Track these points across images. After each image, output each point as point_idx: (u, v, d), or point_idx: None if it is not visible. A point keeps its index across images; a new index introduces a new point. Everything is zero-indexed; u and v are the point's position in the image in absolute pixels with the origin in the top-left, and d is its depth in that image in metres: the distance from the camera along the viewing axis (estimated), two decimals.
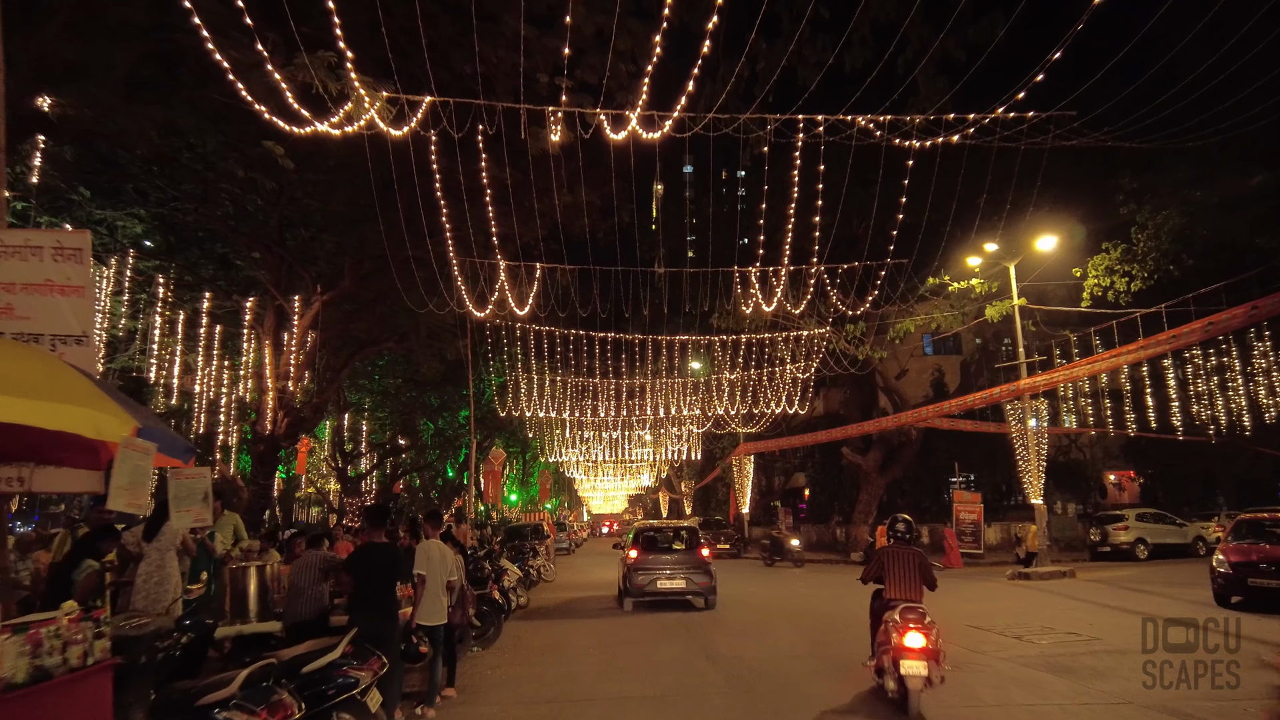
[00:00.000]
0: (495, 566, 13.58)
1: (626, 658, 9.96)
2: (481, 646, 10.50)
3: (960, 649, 9.58)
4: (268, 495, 17.91)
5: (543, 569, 20.29)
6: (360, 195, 15.66)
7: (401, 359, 28.25)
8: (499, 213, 15.81)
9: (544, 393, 27.25)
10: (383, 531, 6.51)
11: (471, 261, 15.05)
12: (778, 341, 22.46)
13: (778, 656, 9.78)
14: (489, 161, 14.34)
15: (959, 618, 12.99)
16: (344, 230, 17.71)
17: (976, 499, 27.06)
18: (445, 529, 8.42)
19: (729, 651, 10.11)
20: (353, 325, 20.05)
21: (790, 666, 9.16)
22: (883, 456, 28.92)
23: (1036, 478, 19.65)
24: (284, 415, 17.40)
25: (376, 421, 33.84)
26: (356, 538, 11.60)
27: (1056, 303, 21.14)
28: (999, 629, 11.52)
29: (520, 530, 27.33)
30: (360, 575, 6.13)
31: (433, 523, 7.34)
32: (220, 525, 9.73)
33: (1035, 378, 19.04)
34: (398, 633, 6.38)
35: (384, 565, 6.20)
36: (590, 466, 54.03)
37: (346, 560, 6.29)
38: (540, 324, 21.52)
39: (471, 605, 7.96)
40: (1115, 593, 15.61)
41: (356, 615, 6.05)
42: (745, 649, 10.29)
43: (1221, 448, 31.01)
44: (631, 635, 11.87)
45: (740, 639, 11.23)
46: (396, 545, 7.04)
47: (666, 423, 36.25)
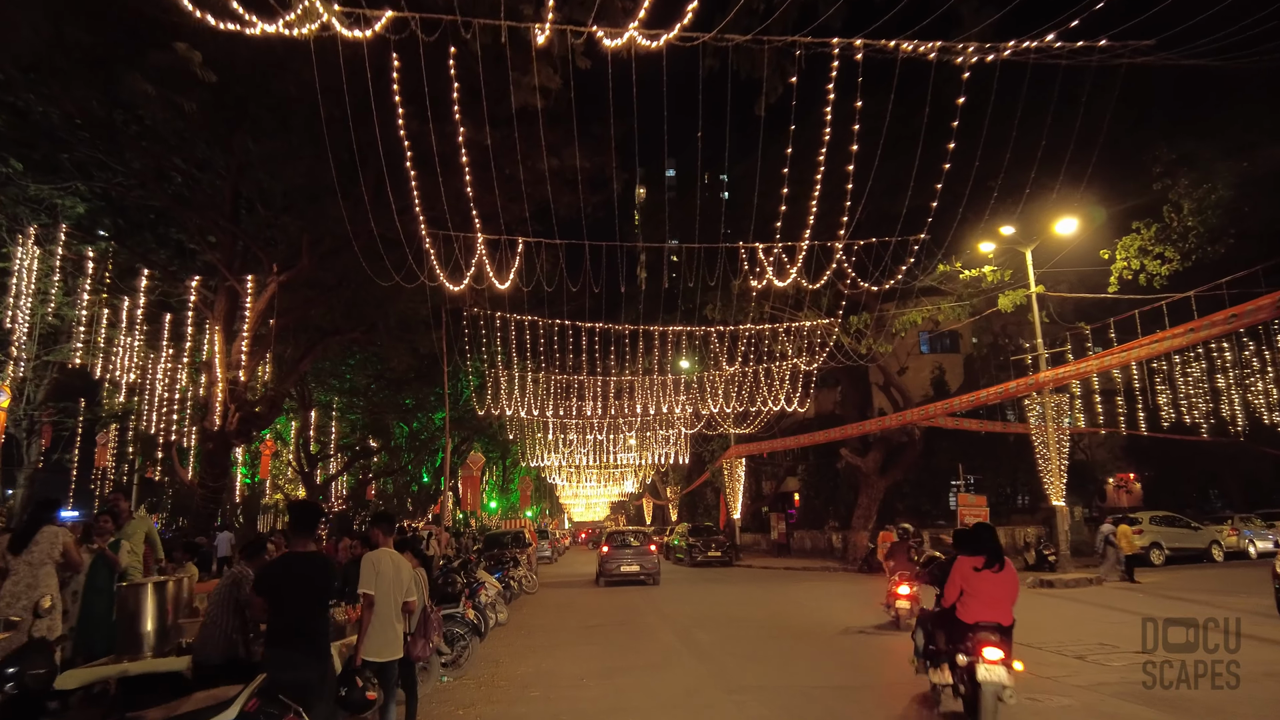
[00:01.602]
0: (470, 579, 11.85)
1: (627, 683, 8.35)
2: (452, 676, 8.78)
3: (1023, 672, 8.06)
4: (219, 498, 16.03)
5: (524, 580, 18.54)
6: (322, 169, 13.94)
7: (373, 358, 26.43)
8: (478, 184, 14.16)
9: (525, 390, 25.48)
10: (309, 538, 4.79)
11: (446, 235, 13.33)
12: (779, 333, 20.85)
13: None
14: (465, 121, 12.70)
15: None
16: (305, 206, 15.98)
17: (982, 502, 25.62)
18: (406, 537, 6.75)
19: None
20: (313, 312, 18.20)
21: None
22: (883, 458, 27.47)
23: (1058, 478, 18.26)
24: (236, 410, 15.55)
25: (348, 423, 31.85)
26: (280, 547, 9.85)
27: (1073, 293, 19.85)
28: (1052, 646, 10.04)
29: (500, 538, 25.52)
30: (274, 598, 4.44)
31: (384, 528, 5.64)
32: (129, 532, 7.94)
33: (1057, 370, 17.65)
34: (330, 675, 4.68)
35: (309, 584, 4.50)
36: (572, 472, 52.23)
37: (255, 579, 4.51)
38: (522, 313, 19.82)
39: (437, 632, 6.26)
40: (1159, 603, 14.18)
41: (270, 654, 4.35)
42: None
43: (1225, 448, 30.02)
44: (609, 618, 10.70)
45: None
46: (328, 557, 5.31)
47: (654, 424, 34.59)
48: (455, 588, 9.02)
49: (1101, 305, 22.95)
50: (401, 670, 5.72)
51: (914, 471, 28.44)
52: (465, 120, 12.96)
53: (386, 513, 5.70)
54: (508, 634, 12.57)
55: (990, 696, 5.91)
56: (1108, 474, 32.37)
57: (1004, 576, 6.21)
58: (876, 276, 14.12)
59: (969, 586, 6.25)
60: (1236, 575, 18.70)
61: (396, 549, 5.89)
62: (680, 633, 12.39)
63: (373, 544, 5.60)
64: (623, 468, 52.82)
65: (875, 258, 14.06)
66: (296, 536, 4.71)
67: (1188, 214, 14.97)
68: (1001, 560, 6.23)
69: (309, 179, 15.25)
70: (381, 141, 12.09)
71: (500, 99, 12.73)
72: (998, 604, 6.16)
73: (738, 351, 21.65)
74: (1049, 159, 15.85)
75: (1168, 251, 15.77)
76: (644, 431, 36.55)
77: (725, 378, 25.00)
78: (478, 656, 9.57)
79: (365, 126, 12.47)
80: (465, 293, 13.72)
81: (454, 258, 13.11)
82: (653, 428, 35.84)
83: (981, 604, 6.18)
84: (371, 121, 11.94)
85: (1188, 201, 14.97)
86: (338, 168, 12.94)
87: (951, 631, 6.42)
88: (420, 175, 13.49)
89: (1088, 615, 13.32)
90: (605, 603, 17.02)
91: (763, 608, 15.76)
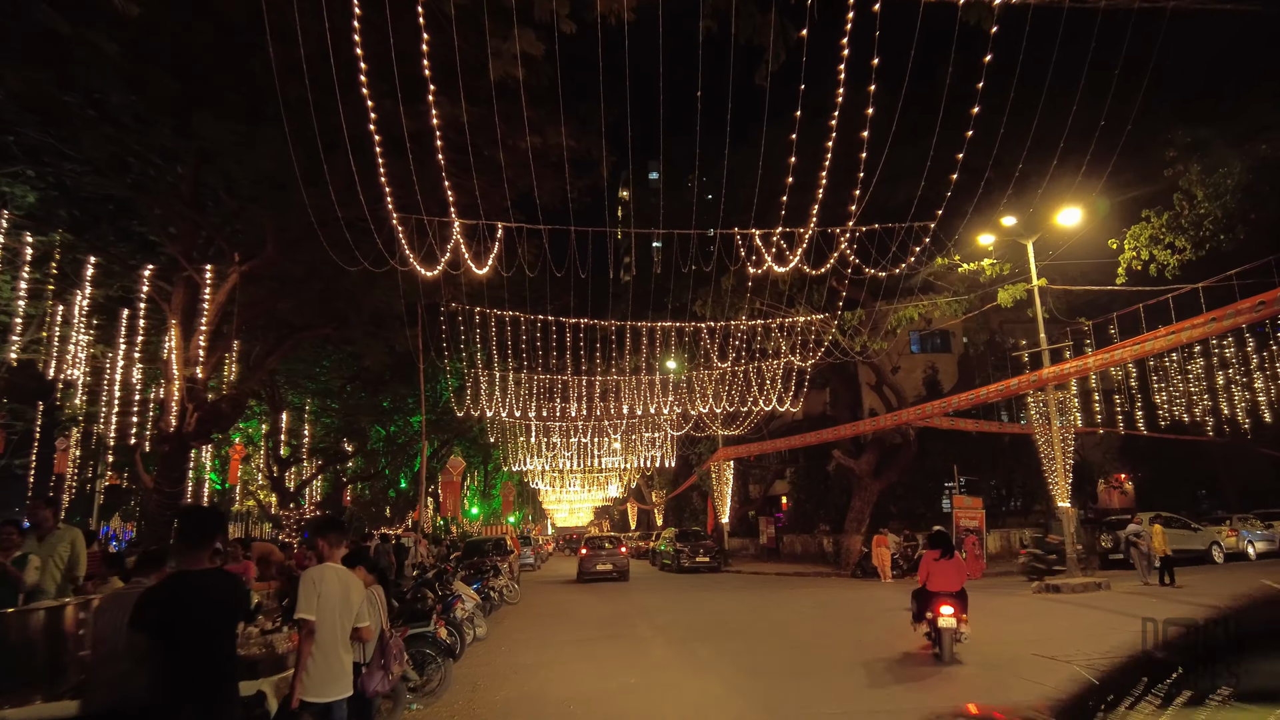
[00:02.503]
0: (445, 591, 10.85)
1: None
2: (423, 704, 7.78)
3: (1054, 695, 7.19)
4: (176, 505, 14.85)
5: (506, 590, 17.51)
6: (289, 154, 12.88)
7: (349, 357, 25.26)
8: (454, 167, 13.19)
9: (506, 390, 24.42)
10: (205, 553, 3.73)
11: (420, 221, 12.32)
12: (771, 329, 19.95)
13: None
14: (440, 98, 11.73)
15: (1017, 643, 10.70)
16: (271, 194, 14.88)
17: (978, 504, 24.98)
18: (357, 548, 5.77)
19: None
20: (280, 305, 17.06)
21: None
22: (876, 459, 26.68)
23: (1063, 478, 17.51)
24: (194, 409, 14.41)
25: (322, 426, 30.58)
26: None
27: (1077, 286, 19.18)
28: (1080, 659, 9.18)
29: (480, 545, 24.42)
30: (161, 634, 3.38)
31: (331, 538, 4.62)
32: (50, 544, 6.87)
33: (1062, 365, 16.93)
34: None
35: (207, 612, 3.51)
36: (556, 476, 51.10)
37: (134, 608, 3.45)
38: (503, 308, 18.81)
39: (399, 662, 5.27)
40: (1177, 609, 13.41)
41: (164, 701, 3.34)
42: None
43: (1223, 449, 29.58)
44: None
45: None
46: (235, 576, 4.23)
47: (640, 426, 33.64)
48: (426, 604, 8.01)
49: (1096, 304, 22.37)
50: (353, 710, 4.72)
51: (908, 474, 27.67)
52: (440, 97, 12.02)
53: (335, 518, 4.63)
54: (488, 650, 11.56)
55: (947, 636, 9.30)
56: (1103, 475, 31.81)
57: (953, 563, 9.87)
58: (884, 264, 13.26)
59: (931, 570, 9.79)
60: (1245, 576, 18.06)
61: (345, 563, 4.91)
62: (678, 646, 11.45)
63: (319, 556, 4.59)
64: (607, 472, 51.81)
65: (880, 245, 13.20)
66: (187, 551, 3.60)
67: (1202, 200, 14.28)
68: (951, 553, 9.98)
69: (275, 164, 14.19)
70: (349, 121, 11.12)
71: (478, 71, 11.77)
72: (950, 581, 9.65)
73: (729, 349, 20.72)
74: (1050, 146, 15.16)
75: (1179, 241, 15.09)
76: (629, 435, 35.60)
77: (714, 377, 24.09)
78: (453, 679, 8.56)
79: (334, 106, 11.50)
80: (440, 279, 12.68)
81: (428, 243, 12.08)
82: (638, 430, 34.88)
83: (939, 581, 9.64)
84: (341, 100, 10.96)
85: (1201, 189, 14.29)
86: (306, 152, 11.95)
87: (924, 600, 9.75)
88: (392, 158, 12.54)
89: (1107, 624, 12.51)
90: (593, 613, 16.05)
91: (762, 617, 14.84)
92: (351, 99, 10.87)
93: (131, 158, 15.67)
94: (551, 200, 15.81)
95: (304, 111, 11.81)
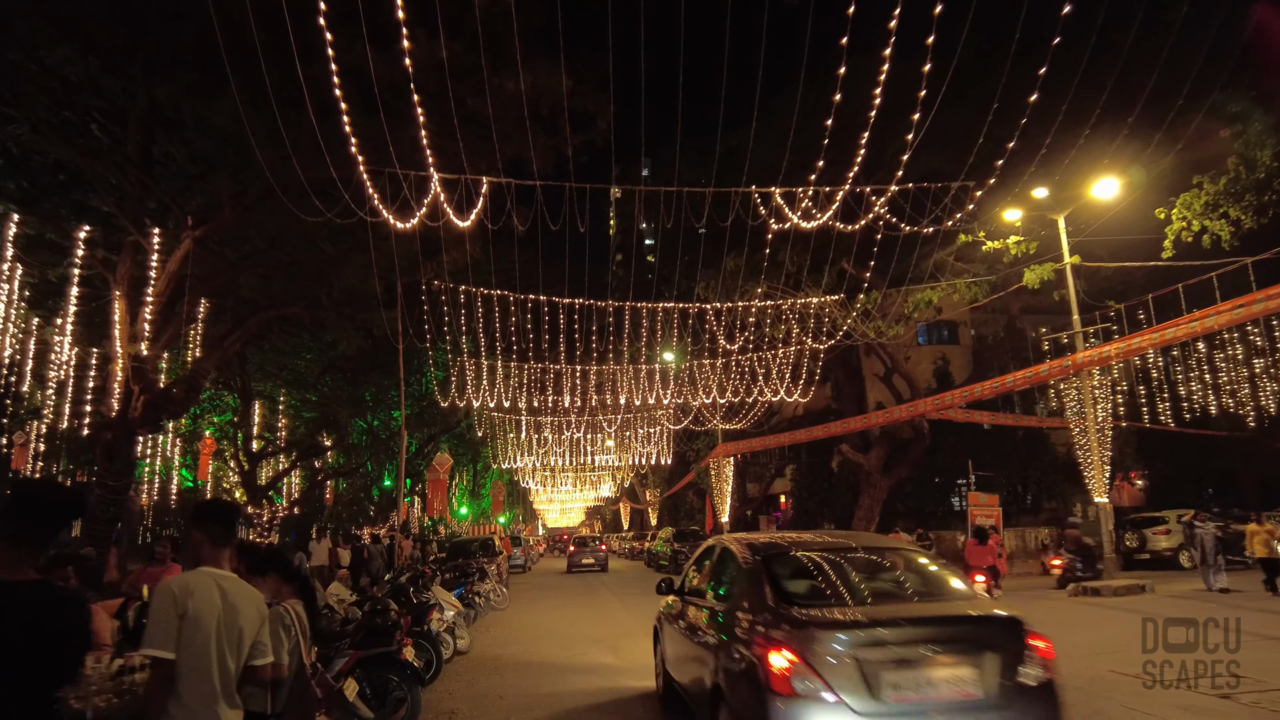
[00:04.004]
0: (421, 599, 9.29)
1: None
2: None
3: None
4: (120, 502, 13.21)
5: (493, 594, 15.96)
6: (247, 108, 11.29)
7: (327, 345, 23.59)
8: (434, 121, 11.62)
9: (494, 379, 22.79)
10: (30, 556, 2.26)
11: (391, 173, 10.75)
12: (783, 311, 18.40)
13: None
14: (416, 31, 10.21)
15: (1081, 656, 9.25)
16: (229, 153, 13.27)
17: (994, 501, 23.53)
18: (265, 551, 4.23)
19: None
20: (242, 279, 15.41)
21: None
22: (886, 455, 25.24)
23: (1100, 471, 16.10)
24: (140, 392, 12.77)
25: (301, 421, 28.84)
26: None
27: (1113, 264, 17.81)
28: (1158, 675, 7.73)
29: (466, 546, 22.79)
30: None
31: (212, 530, 3.06)
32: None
33: (1101, 348, 15.52)
34: None
35: (24, 644, 2.05)
36: (547, 475, 49.48)
37: None
38: (490, 286, 17.22)
39: (324, 709, 3.70)
40: (1246, 616, 11.97)
41: None
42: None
43: (1244, 444, 28.31)
44: None
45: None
46: (69, 593, 2.67)
47: (635, 420, 32.08)
48: (389, 618, 6.46)
49: (1130, 284, 21.00)
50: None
51: (918, 470, 26.24)
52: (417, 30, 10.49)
53: (222, 504, 3.07)
54: (470, 668, 9.98)
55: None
56: (1119, 471, 30.47)
57: (985, 548, 14.66)
58: (924, 222, 11.79)
59: (970, 551, 14.66)
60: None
61: (252, 570, 3.36)
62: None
63: (195, 557, 3.02)
64: (599, 470, 50.27)
65: (915, 205, 11.74)
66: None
67: (1266, 159, 12.84)
68: (985, 540, 14.87)
69: (231, 120, 12.61)
70: (318, 70, 9.60)
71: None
72: (982, 559, 14.27)
73: (735, 334, 19.15)
74: (1083, 116, 13.82)
75: (1233, 210, 13.69)
76: (624, 431, 34.03)
77: (717, 366, 22.55)
78: (423, 708, 7.01)
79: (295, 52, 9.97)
80: (419, 253, 11.11)
81: (403, 197, 10.50)
82: (633, 426, 33.33)
83: (974, 559, 14.29)
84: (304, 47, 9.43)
85: (1268, 148, 12.88)
86: (265, 108, 10.40)
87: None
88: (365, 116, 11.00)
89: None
90: (590, 624, 14.43)
91: None
92: (316, 42, 9.36)
93: (77, 116, 14.07)
94: (544, 165, 14.25)
95: (266, 61, 10.32)
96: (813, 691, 4.00)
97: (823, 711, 3.98)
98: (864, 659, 4.06)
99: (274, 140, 10.97)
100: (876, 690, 4.00)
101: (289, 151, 10.59)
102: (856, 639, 4.15)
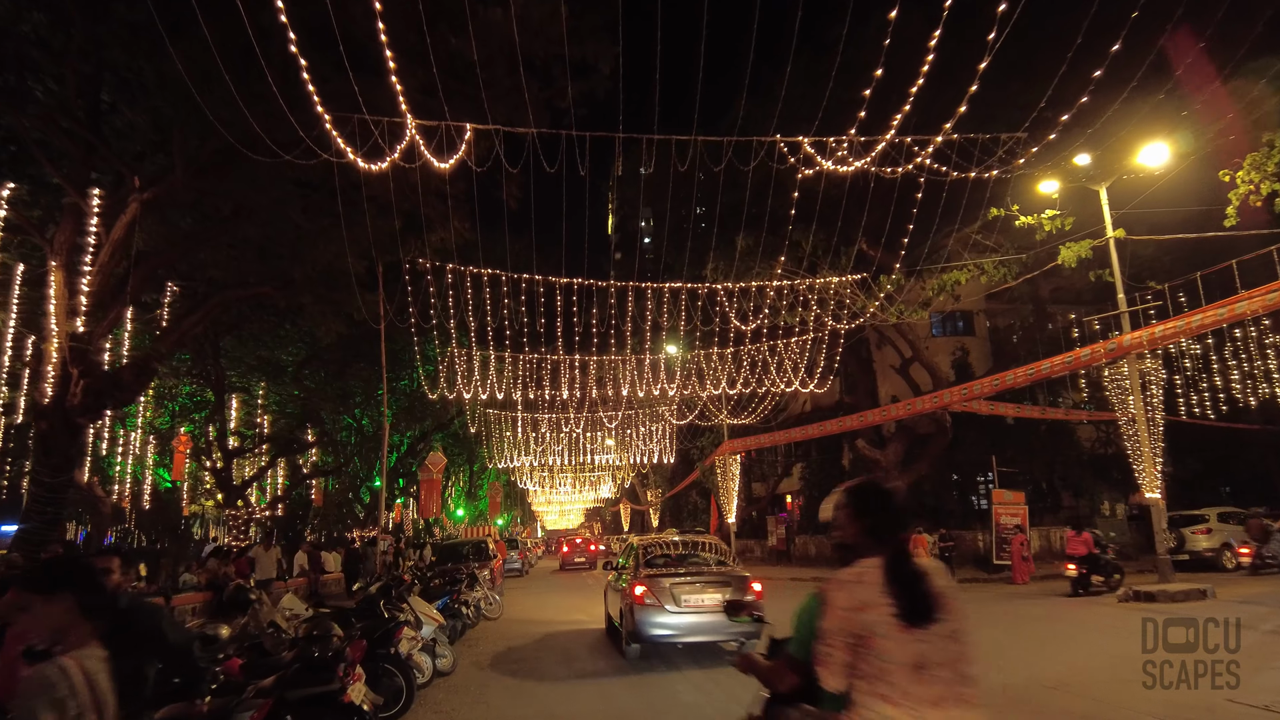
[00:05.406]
0: (391, 615, 7.78)
1: None
2: None
3: None
4: (57, 502, 11.68)
5: (483, 602, 14.45)
6: (199, 52, 9.81)
7: (305, 335, 22.07)
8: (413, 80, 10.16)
9: (486, 370, 21.25)
10: None
11: (361, 118, 9.25)
12: (800, 289, 16.86)
13: None
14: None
15: None
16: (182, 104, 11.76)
17: (1020, 499, 22.11)
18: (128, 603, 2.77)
19: None
20: (203, 254, 13.86)
21: None
22: (904, 450, 23.74)
23: (1151, 465, 14.63)
24: (80, 375, 11.25)
25: (286, 418, 27.31)
26: None
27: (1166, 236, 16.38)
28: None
29: (457, 549, 21.23)
30: None
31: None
32: None
33: (1152, 328, 14.07)
34: None
35: None
36: (545, 476, 47.93)
37: None
38: (479, 265, 15.70)
39: None
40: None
41: None
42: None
43: (1276, 437, 26.86)
44: None
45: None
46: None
47: (637, 416, 30.57)
48: (329, 648, 4.94)
49: (1179, 256, 19.53)
50: None
51: (937, 466, 24.76)
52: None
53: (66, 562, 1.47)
54: (451, 693, 8.46)
55: None
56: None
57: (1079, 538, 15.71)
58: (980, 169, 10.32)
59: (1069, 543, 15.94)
60: None
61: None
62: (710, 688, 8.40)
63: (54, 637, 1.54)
64: (599, 471, 48.78)
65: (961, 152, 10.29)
66: None
67: None
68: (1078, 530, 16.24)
69: (184, 63, 11.12)
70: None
71: None
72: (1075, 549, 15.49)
73: (748, 321, 17.60)
74: (1125, 79, 12.43)
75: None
76: (625, 428, 32.53)
77: (726, 354, 21.03)
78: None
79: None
80: (388, 173, 9.59)
81: (372, 140, 9.00)
82: (634, 424, 31.83)
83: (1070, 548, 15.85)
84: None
85: None
86: (221, 51, 8.94)
87: None
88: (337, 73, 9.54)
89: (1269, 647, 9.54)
90: (592, 635, 12.89)
91: None
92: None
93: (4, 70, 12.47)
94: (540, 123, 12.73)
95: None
96: (652, 603, 9.24)
97: (655, 611, 9.19)
98: (673, 588, 9.30)
99: (230, 97, 9.49)
100: (679, 601, 9.22)
101: (242, 105, 9.11)
102: (671, 580, 9.45)
